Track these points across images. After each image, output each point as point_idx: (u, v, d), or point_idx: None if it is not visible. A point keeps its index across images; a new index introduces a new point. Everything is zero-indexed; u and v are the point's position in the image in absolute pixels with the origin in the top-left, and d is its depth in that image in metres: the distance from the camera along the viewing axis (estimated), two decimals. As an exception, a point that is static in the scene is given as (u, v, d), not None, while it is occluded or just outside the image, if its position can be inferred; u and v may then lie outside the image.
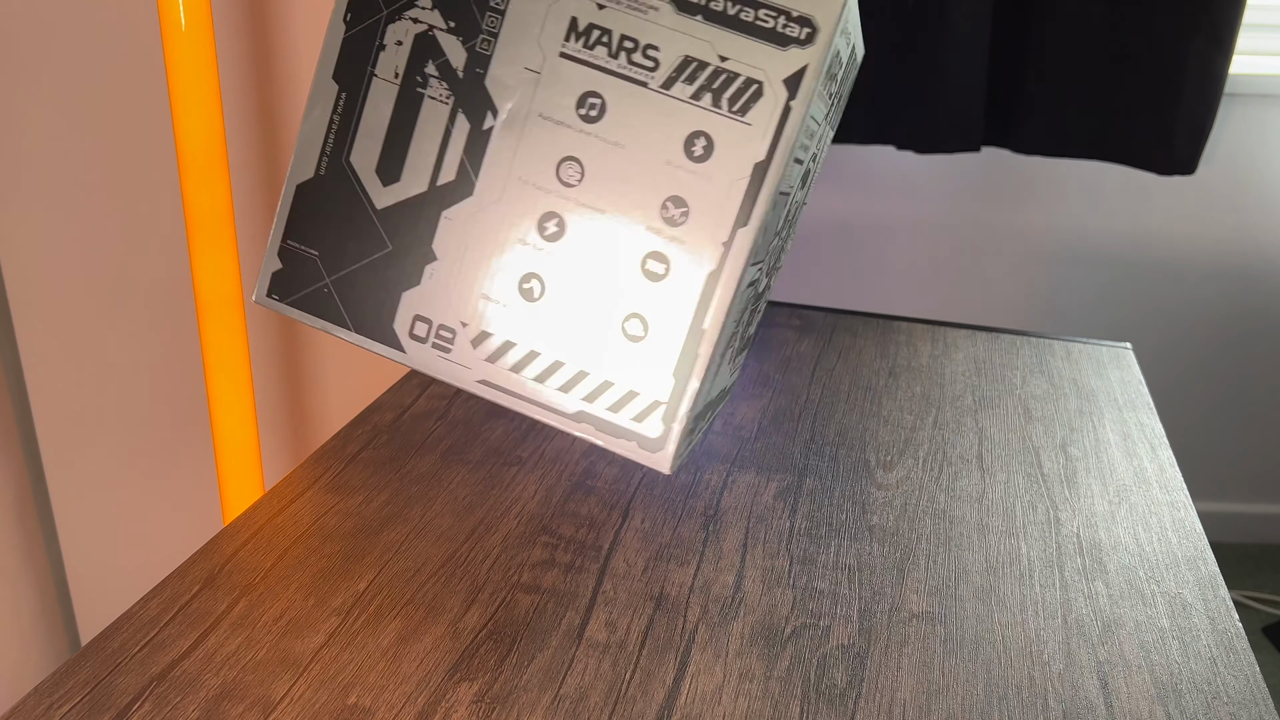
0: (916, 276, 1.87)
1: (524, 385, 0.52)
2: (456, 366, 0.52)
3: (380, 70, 0.51)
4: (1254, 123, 1.77)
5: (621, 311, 0.51)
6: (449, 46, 0.51)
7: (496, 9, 0.50)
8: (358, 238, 0.52)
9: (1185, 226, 1.84)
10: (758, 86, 0.48)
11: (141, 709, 0.45)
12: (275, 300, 0.54)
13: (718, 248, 0.49)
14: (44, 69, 0.94)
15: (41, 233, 0.99)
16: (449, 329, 0.52)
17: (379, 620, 0.51)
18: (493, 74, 0.50)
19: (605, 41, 0.49)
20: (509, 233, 0.51)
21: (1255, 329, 1.90)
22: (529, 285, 0.51)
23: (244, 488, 0.83)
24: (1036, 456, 0.68)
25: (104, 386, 1.04)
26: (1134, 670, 0.49)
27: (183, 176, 0.75)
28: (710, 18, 0.48)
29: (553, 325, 0.51)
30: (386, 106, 0.52)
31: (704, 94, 0.49)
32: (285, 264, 0.53)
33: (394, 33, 0.51)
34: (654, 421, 0.51)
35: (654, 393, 0.51)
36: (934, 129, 1.50)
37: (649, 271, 0.50)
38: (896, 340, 0.84)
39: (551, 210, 0.51)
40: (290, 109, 0.94)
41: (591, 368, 0.51)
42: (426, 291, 0.52)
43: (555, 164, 0.50)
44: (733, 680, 0.48)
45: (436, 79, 0.51)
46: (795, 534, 0.59)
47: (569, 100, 0.50)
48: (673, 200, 0.50)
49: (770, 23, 0.48)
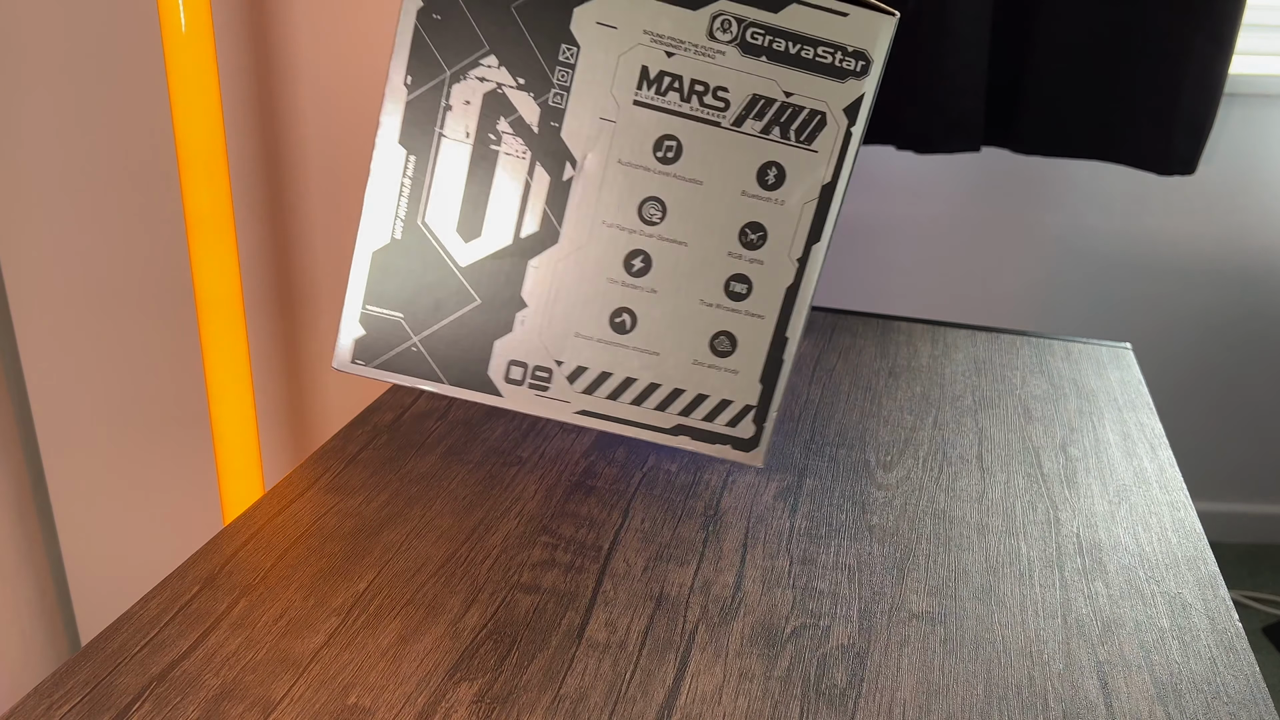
0: (916, 276, 1.87)
1: (622, 410, 0.56)
2: (554, 402, 0.56)
3: (449, 131, 0.53)
4: (1254, 123, 1.77)
5: (709, 331, 0.55)
6: (520, 103, 0.52)
7: (566, 64, 0.52)
8: (444, 295, 0.54)
9: (1185, 226, 1.84)
10: (821, 117, 0.53)
11: (141, 709, 0.45)
12: (360, 365, 0.55)
13: (793, 264, 0.54)
14: (45, 70, 0.94)
15: (42, 233, 0.99)
16: (544, 369, 0.55)
17: (379, 620, 0.51)
18: (568, 126, 0.53)
19: (677, 87, 0.52)
20: (597, 274, 0.54)
21: (1255, 329, 1.90)
22: (620, 319, 0.55)
23: (244, 488, 0.83)
24: (1036, 456, 0.68)
25: (104, 386, 1.04)
26: (1134, 670, 0.49)
27: (183, 177, 0.75)
28: (773, 58, 0.52)
29: (645, 352, 0.55)
30: (460, 166, 0.53)
31: (773, 128, 0.53)
32: (368, 329, 0.55)
33: (460, 93, 0.52)
34: (746, 424, 0.57)
35: (744, 399, 0.56)
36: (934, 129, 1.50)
37: (733, 292, 0.55)
38: (896, 340, 0.84)
39: (637, 248, 0.54)
40: (290, 109, 0.94)
41: (685, 385, 0.56)
42: (519, 337, 0.55)
43: (637, 205, 0.54)
44: (733, 680, 0.48)
45: (510, 135, 0.53)
46: (795, 534, 0.59)
47: (646, 145, 0.53)
48: (750, 226, 0.54)
49: (828, 58, 0.52)
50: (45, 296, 1.01)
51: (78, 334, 1.02)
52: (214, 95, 0.73)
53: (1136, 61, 1.46)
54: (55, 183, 0.97)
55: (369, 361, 0.55)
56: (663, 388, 0.55)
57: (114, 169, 0.96)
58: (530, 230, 0.53)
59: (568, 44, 0.52)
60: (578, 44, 0.52)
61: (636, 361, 0.55)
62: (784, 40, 0.52)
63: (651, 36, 0.52)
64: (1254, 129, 1.78)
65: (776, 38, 0.52)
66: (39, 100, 0.94)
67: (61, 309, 1.01)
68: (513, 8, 0.51)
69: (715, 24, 0.51)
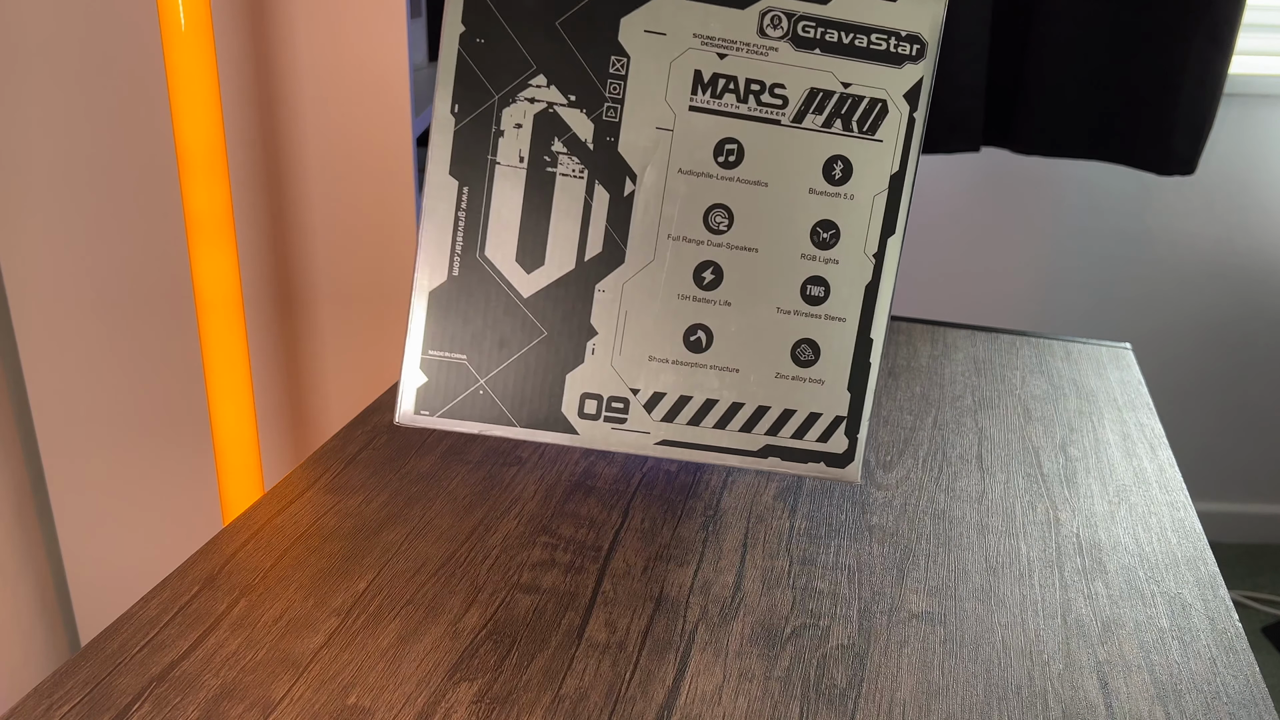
0: (916, 276, 1.87)
1: (706, 435, 0.53)
2: (634, 434, 0.53)
3: (502, 157, 0.51)
4: (1254, 123, 1.77)
5: (790, 340, 0.53)
6: (574, 121, 0.51)
7: (618, 75, 0.51)
8: (508, 331, 0.52)
9: (1185, 226, 1.84)
10: (882, 105, 0.51)
11: (141, 709, 0.45)
12: (425, 415, 0.52)
13: (870, 260, 0.52)
14: (43, 69, 0.94)
15: (40, 233, 0.99)
16: (620, 399, 0.53)
17: (379, 621, 0.51)
18: (625, 140, 0.51)
19: (732, 88, 0.51)
20: (668, 291, 0.52)
21: (1255, 329, 1.90)
22: (695, 337, 0.53)
23: (244, 488, 0.83)
24: (1036, 457, 0.68)
25: (104, 387, 1.04)
26: (1134, 670, 0.49)
27: (182, 177, 0.75)
28: (827, 49, 0.51)
29: (725, 370, 0.53)
30: (516, 192, 0.51)
31: (834, 120, 0.51)
32: (430, 375, 0.52)
33: (510, 116, 0.51)
34: (839, 438, 0.54)
35: (834, 410, 0.53)
36: (934, 129, 1.50)
37: (810, 296, 0.52)
38: (896, 340, 0.84)
39: (706, 259, 0.52)
40: (289, 109, 0.94)
41: (770, 401, 0.53)
42: (591, 368, 0.52)
43: (702, 214, 0.52)
44: (732, 680, 0.48)
45: (566, 155, 0.51)
46: (795, 534, 0.59)
47: (706, 151, 0.51)
48: (821, 225, 0.52)
49: (883, 45, 0.51)
50: (44, 297, 1.01)
51: (77, 334, 1.02)
52: (214, 94, 0.73)
53: (1136, 61, 1.46)
54: (53, 182, 0.97)
55: (434, 411, 0.52)
56: (746, 406, 0.53)
57: (113, 168, 0.97)
58: (594, 252, 0.51)
59: (617, 55, 0.50)
60: (627, 54, 0.50)
61: (716, 381, 0.53)
62: (836, 31, 0.51)
63: (702, 39, 0.50)
64: (1253, 129, 1.78)
65: (829, 29, 0.50)
66: (37, 99, 0.94)
67: (61, 309, 1.01)
68: (558, 24, 0.50)
69: (765, 21, 0.50)
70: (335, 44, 0.92)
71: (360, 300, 1.00)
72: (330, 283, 1.00)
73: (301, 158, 0.96)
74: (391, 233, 0.97)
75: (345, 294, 1.00)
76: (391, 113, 0.93)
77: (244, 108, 0.94)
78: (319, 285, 1.00)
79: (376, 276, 0.99)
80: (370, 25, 0.91)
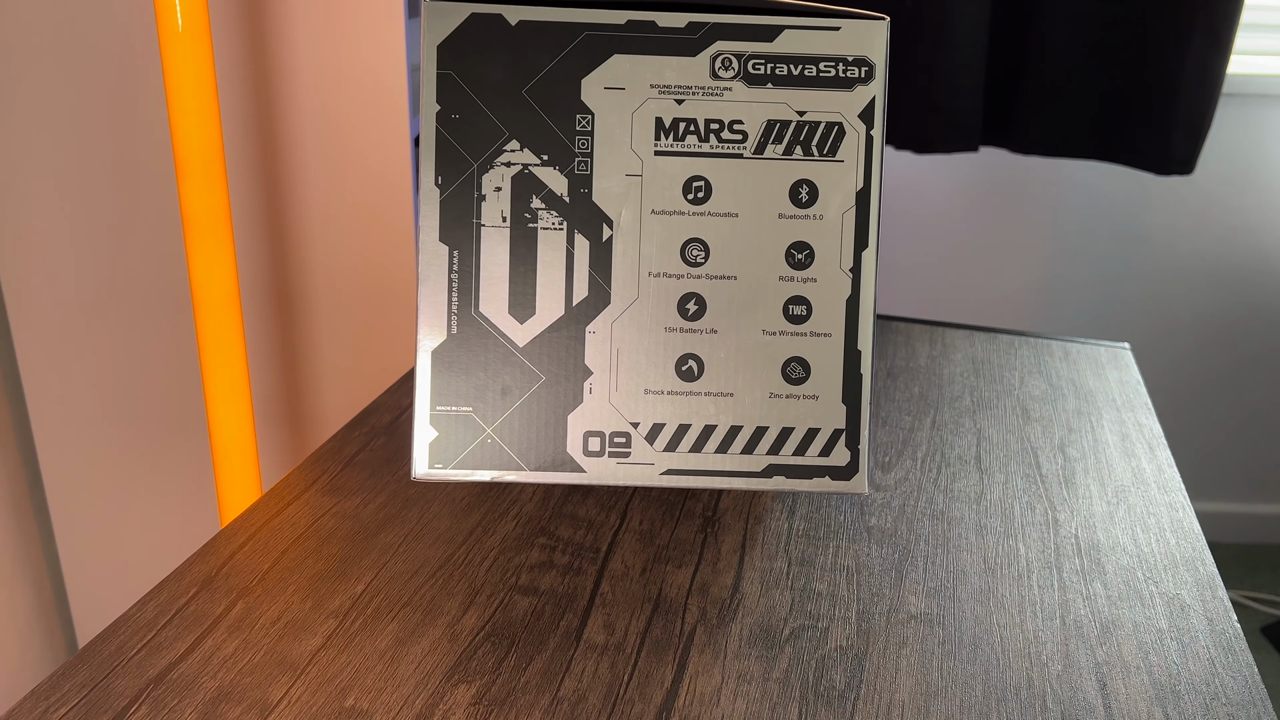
0: (915, 276, 1.87)
1: (709, 460, 0.55)
2: (639, 467, 0.55)
3: (486, 219, 0.54)
4: (1253, 123, 1.77)
5: (779, 360, 0.54)
6: (548, 178, 0.54)
7: (585, 131, 0.53)
8: (509, 380, 0.54)
9: (1184, 226, 1.84)
10: (839, 127, 0.54)
11: (139, 712, 0.45)
12: (439, 469, 0.54)
13: (847, 275, 0.54)
14: (39, 69, 0.94)
15: (37, 233, 0.99)
16: (622, 434, 0.55)
17: (377, 622, 0.51)
18: (598, 189, 0.54)
19: (693, 129, 0.54)
20: (654, 325, 0.54)
21: (1254, 329, 1.90)
22: (687, 366, 0.54)
23: (241, 490, 0.83)
24: (1035, 457, 0.68)
25: (101, 388, 1.04)
26: (1132, 671, 0.49)
27: (180, 177, 0.75)
28: (779, 83, 0.53)
29: (719, 395, 0.55)
30: (502, 250, 0.54)
31: (794, 147, 0.54)
32: (440, 430, 0.54)
33: (490, 181, 0.54)
34: (840, 451, 0.55)
35: (831, 423, 0.55)
36: (932, 129, 1.50)
37: (793, 316, 0.54)
38: (895, 341, 0.84)
39: (689, 291, 0.54)
40: (287, 109, 0.94)
41: (767, 421, 0.55)
42: (590, 407, 0.54)
43: (679, 249, 0.54)
44: (731, 682, 0.48)
45: (545, 210, 0.54)
46: (793, 535, 0.59)
47: (675, 191, 0.54)
48: (795, 246, 0.54)
49: (832, 71, 0.53)
50: (41, 298, 1.01)
51: (74, 334, 1.02)
52: (211, 95, 0.73)
53: (1135, 61, 1.46)
54: (50, 182, 0.97)
55: (448, 463, 0.54)
56: (745, 429, 0.55)
57: (110, 168, 0.96)
58: (581, 296, 0.54)
59: (581, 113, 0.53)
60: (591, 111, 0.53)
61: (712, 407, 0.54)
62: (785, 64, 0.53)
63: (659, 89, 0.53)
64: (1253, 129, 1.78)
65: (778, 63, 0.53)
66: (33, 99, 0.94)
67: (58, 309, 1.01)
68: (524, 92, 0.53)
69: (716, 64, 0.53)
70: (333, 44, 0.92)
71: (358, 301, 1.00)
72: (328, 283, 1.00)
73: (299, 158, 0.96)
74: (389, 233, 0.97)
75: (343, 295, 1.00)
76: (389, 113, 0.93)
77: (241, 107, 0.94)
78: (317, 286, 1.00)
79: (374, 277, 0.99)
80: (368, 25, 0.91)
